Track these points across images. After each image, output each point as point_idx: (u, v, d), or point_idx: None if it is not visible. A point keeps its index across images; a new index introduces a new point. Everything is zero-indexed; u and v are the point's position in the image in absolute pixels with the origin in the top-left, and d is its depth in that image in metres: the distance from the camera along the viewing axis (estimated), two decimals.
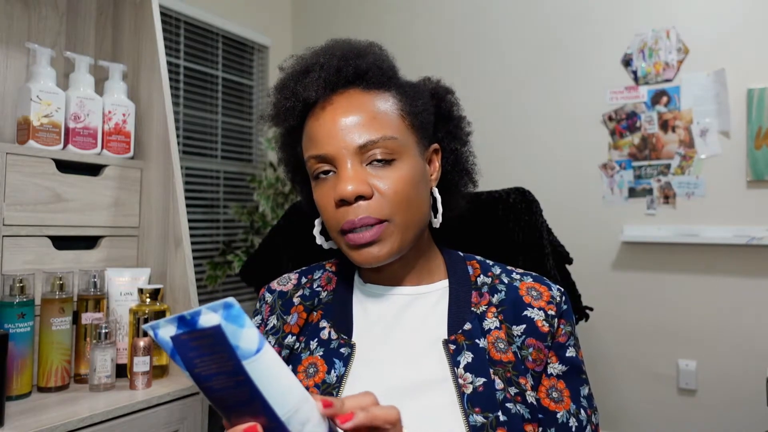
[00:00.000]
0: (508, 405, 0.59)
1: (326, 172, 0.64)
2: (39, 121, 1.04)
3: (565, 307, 0.68)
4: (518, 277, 0.71)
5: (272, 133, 2.93)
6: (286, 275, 0.78)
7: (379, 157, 0.63)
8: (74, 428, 0.84)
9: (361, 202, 0.62)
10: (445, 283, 0.70)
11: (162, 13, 1.54)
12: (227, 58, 3.02)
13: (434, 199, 0.71)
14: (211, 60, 2.93)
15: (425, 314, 0.67)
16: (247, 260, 1.17)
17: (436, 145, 0.72)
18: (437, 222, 0.72)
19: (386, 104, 0.66)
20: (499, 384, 0.61)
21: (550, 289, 0.69)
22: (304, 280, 0.76)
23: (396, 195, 0.63)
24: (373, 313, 0.69)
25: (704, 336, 2.20)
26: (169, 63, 2.60)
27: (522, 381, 0.62)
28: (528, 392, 0.62)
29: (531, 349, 0.64)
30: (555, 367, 0.66)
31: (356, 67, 0.66)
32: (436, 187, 0.71)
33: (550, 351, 0.66)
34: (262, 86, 3.24)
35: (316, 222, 0.73)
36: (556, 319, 0.66)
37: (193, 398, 1.03)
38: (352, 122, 0.63)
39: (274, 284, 0.77)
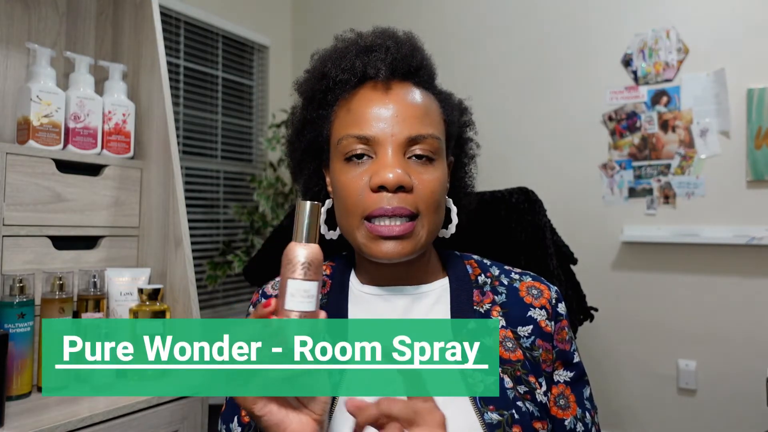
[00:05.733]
0: (518, 403, 0.60)
1: (360, 156, 0.62)
2: (39, 121, 1.04)
3: (562, 308, 0.69)
4: (517, 277, 0.71)
5: (272, 133, 2.94)
6: (279, 278, 0.76)
7: (421, 153, 0.62)
8: (74, 428, 0.84)
9: (400, 193, 0.60)
10: (444, 281, 0.70)
11: (162, 13, 1.54)
12: (227, 58, 3.02)
13: (448, 210, 0.70)
14: (211, 60, 2.93)
15: (426, 314, 0.67)
16: (251, 259, 1.17)
17: (452, 158, 0.72)
18: (449, 233, 0.71)
19: (433, 105, 0.67)
20: (508, 382, 0.61)
21: (550, 289, 0.69)
22: None
23: (431, 195, 0.62)
24: (373, 315, 0.67)
25: (704, 336, 2.20)
26: (169, 63, 2.59)
27: (531, 379, 0.62)
28: (537, 390, 0.62)
29: (541, 350, 0.64)
30: (561, 374, 0.66)
31: (420, 60, 0.67)
32: None
33: (557, 361, 0.66)
34: (262, 86, 3.24)
35: (322, 210, 0.71)
36: (553, 321, 0.67)
37: (193, 398, 1.03)
38: (406, 112, 0.62)
39: (269, 289, 0.75)
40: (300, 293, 0.48)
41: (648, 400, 2.31)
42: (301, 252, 0.49)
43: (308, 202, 0.51)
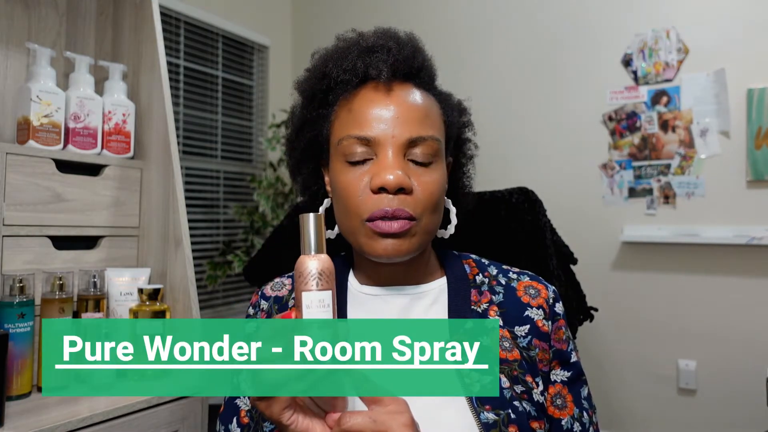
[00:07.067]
0: (515, 403, 0.60)
1: (360, 158, 0.62)
2: (39, 121, 1.04)
3: (559, 308, 0.69)
4: (515, 276, 0.71)
5: (272, 133, 2.94)
6: (279, 280, 0.76)
7: (420, 156, 0.62)
8: (74, 428, 0.84)
9: (401, 195, 0.61)
10: (442, 281, 0.70)
11: (162, 13, 1.54)
12: (227, 58, 3.02)
13: (447, 210, 0.70)
14: (211, 60, 2.93)
15: (425, 314, 0.67)
16: (251, 259, 1.17)
17: (450, 159, 0.72)
18: (447, 233, 0.71)
19: (434, 106, 0.67)
20: (505, 382, 0.61)
21: (547, 289, 0.69)
22: None
23: (430, 197, 0.62)
24: (371, 316, 0.67)
25: (704, 336, 2.20)
26: (169, 63, 2.59)
27: (528, 379, 0.62)
28: (534, 390, 0.62)
29: (538, 350, 0.65)
30: (558, 374, 0.66)
31: (421, 61, 0.67)
32: None
33: (554, 361, 0.66)
34: (262, 86, 3.24)
35: (321, 209, 0.71)
36: (550, 321, 0.67)
37: (193, 398, 1.03)
38: (407, 114, 0.62)
39: (268, 290, 0.75)
40: (316, 304, 0.49)
41: (648, 400, 2.31)
42: (312, 264, 0.50)
43: (311, 214, 0.51)
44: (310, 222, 0.51)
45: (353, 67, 0.65)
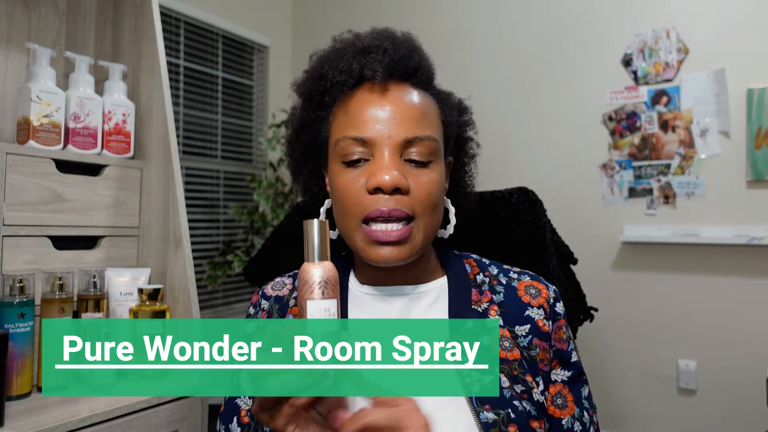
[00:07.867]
0: (515, 402, 0.60)
1: (357, 159, 0.62)
2: (39, 121, 1.04)
3: (560, 307, 0.69)
4: (516, 276, 0.71)
5: (272, 133, 2.94)
6: (279, 279, 0.76)
7: (417, 156, 0.62)
8: (74, 428, 0.84)
9: (397, 195, 0.61)
10: (442, 281, 0.70)
11: (162, 13, 1.54)
12: (227, 58, 3.02)
13: (446, 210, 0.70)
14: (211, 60, 2.93)
15: (425, 314, 0.67)
16: (251, 259, 1.17)
17: (451, 158, 0.72)
18: (447, 233, 0.71)
19: (431, 106, 0.66)
20: (505, 382, 0.61)
21: (548, 288, 0.69)
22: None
23: (428, 197, 0.62)
24: (371, 316, 0.67)
25: (704, 336, 2.20)
26: (169, 63, 2.59)
27: (528, 378, 0.62)
28: (534, 390, 0.62)
29: (538, 350, 0.65)
30: (559, 374, 0.66)
31: (418, 61, 0.67)
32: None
33: (554, 361, 0.66)
34: (262, 86, 3.24)
35: (321, 210, 0.72)
36: (550, 321, 0.67)
37: (193, 398, 1.03)
38: (403, 114, 0.62)
39: (269, 290, 0.75)
40: (320, 313, 0.48)
41: (648, 400, 2.31)
42: (316, 272, 0.49)
43: (315, 221, 0.51)
44: (314, 228, 0.50)
45: (349, 68, 0.65)
